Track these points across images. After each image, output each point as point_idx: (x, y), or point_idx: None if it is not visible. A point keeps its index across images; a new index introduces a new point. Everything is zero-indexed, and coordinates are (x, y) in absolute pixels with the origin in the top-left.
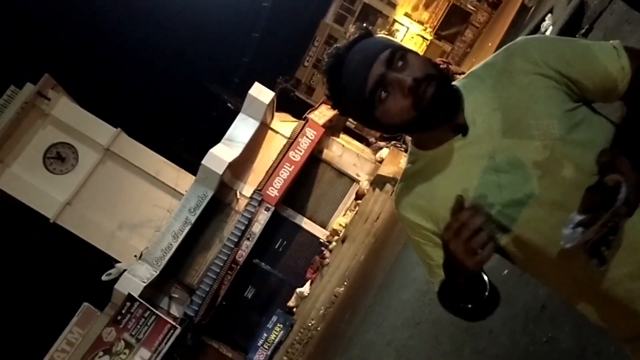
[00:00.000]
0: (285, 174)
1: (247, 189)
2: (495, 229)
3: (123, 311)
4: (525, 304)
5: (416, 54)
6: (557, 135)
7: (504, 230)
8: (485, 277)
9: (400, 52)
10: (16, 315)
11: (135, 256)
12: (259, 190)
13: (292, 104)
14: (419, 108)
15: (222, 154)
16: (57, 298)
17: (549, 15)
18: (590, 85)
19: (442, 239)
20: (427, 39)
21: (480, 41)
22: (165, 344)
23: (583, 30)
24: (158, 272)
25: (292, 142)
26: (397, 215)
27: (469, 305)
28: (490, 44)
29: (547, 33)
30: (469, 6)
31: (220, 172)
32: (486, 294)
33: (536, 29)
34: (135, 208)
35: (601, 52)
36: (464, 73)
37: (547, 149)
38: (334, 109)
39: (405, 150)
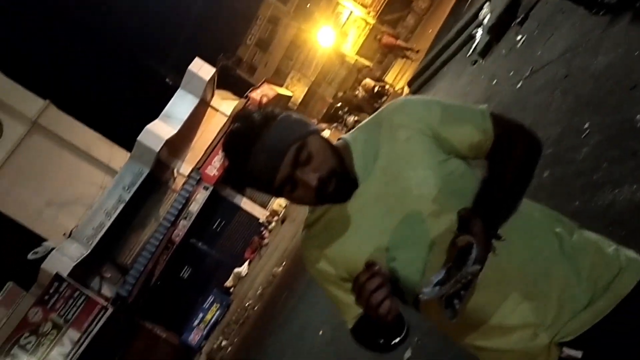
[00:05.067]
0: None
1: (185, 167)
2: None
3: (50, 291)
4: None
5: (320, 142)
6: (432, 183)
7: (395, 279)
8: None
9: (305, 150)
10: None
11: (64, 234)
12: (197, 168)
13: (233, 83)
14: (321, 199)
15: (159, 131)
16: None
17: (487, 3)
18: (458, 144)
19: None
20: (369, 23)
21: (421, 27)
22: (96, 325)
23: (518, 20)
24: (89, 251)
25: (232, 120)
26: (304, 261)
27: (381, 341)
28: (430, 31)
29: (485, 21)
30: None
31: (157, 149)
32: (402, 333)
33: (474, 17)
34: (65, 184)
35: (469, 115)
36: (411, 49)
37: (425, 198)
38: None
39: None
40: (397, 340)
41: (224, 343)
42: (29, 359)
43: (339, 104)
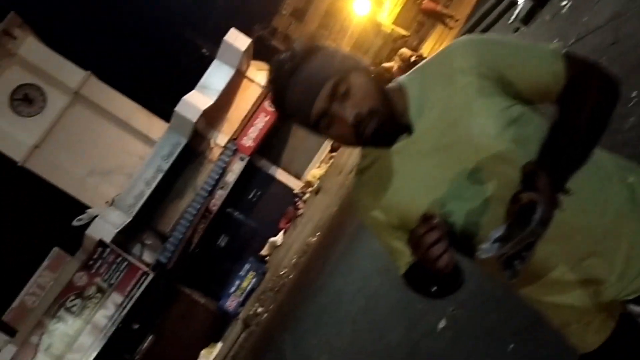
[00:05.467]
0: (261, 124)
1: (221, 137)
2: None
3: (95, 256)
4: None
5: (364, 79)
6: (494, 133)
7: (452, 231)
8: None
9: (344, 84)
10: None
11: (107, 202)
12: (233, 139)
13: (269, 53)
14: (360, 140)
15: (196, 101)
16: (26, 242)
17: None
18: (525, 88)
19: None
20: None
21: None
22: (138, 289)
23: None
24: (130, 218)
25: (268, 91)
26: (355, 207)
27: (434, 289)
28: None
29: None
30: None
31: (194, 120)
32: (456, 283)
33: None
34: (106, 154)
35: (538, 55)
36: (452, 16)
37: (484, 148)
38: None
39: None
40: (450, 289)
41: (259, 310)
42: (75, 321)
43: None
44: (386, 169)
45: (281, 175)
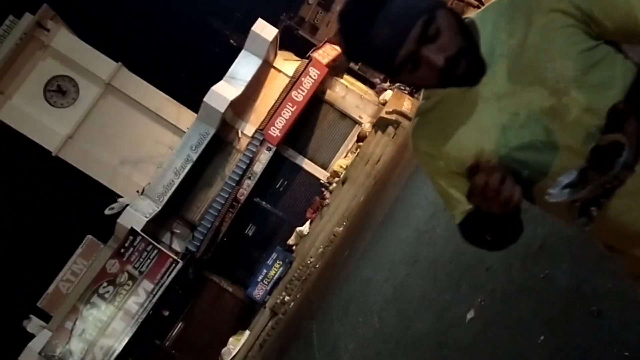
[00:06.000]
0: (288, 114)
1: (248, 128)
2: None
3: (126, 244)
4: (525, 242)
5: (450, 17)
6: (572, 76)
7: (516, 173)
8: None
9: (434, 24)
10: (21, 247)
11: (138, 191)
12: (260, 129)
13: (296, 43)
14: (447, 82)
15: (224, 92)
16: (59, 231)
17: None
18: (612, 25)
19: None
20: None
21: None
22: (168, 277)
23: None
24: (160, 207)
25: (295, 81)
26: (413, 150)
27: (489, 238)
28: None
29: None
30: None
31: (222, 110)
32: (517, 230)
33: None
34: (136, 144)
35: None
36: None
37: (560, 92)
38: (347, 58)
39: (410, 93)
40: (509, 238)
41: (287, 298)
42: (107, 307)
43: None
44: (450, 112)
45: (308, 165)
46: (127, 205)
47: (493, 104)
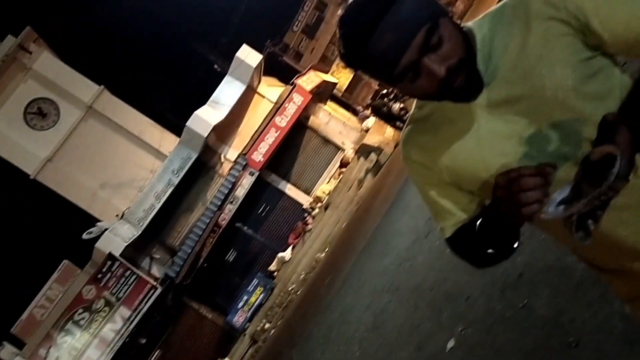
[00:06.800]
0: (271, 139)
1: (231, 152)
2: None
3: (104, 270)
4: (504, 271)
5: (452, 26)
6: (570, 85)
7: None
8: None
9: (437, 33)
10: None
11: (117, 216)
12: (243, 154)
13: (280, 69)
14: (442, 94)
15: (207, 116)
16: (36, 255)
17: None
18: (611, 38)
19: (493, 186)
20: None
21: (471, 12)
22: (146, 303)
23: None
24: (140, 232)
25: (278, 107)
26: (403, 159)
27: (490, 250)
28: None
29: None
30: None
31: (205, 135)
32: (515, 244)
33: None
34: (117, 167)
35: (632, 3)
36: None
37: (559, 101)
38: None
39: (393, 125)
40: (504, 253)
41: (267, 325)
42: (83, 334)
43: (384, 91)
44: (445, 120)
45: (290, 190)
46: (105, 229)
47: (489, 111)
